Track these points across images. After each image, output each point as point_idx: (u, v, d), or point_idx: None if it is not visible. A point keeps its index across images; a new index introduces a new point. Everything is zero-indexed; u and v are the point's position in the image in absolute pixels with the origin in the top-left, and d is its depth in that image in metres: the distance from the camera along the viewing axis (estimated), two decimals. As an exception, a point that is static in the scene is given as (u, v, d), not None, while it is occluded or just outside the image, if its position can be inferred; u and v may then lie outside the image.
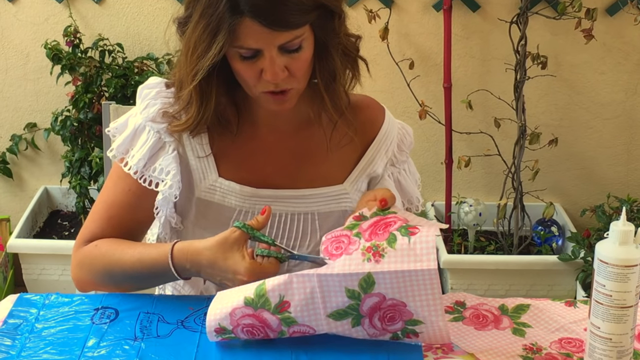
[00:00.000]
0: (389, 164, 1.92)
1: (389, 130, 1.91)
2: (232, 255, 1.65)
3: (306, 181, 1.85)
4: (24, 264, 3.49)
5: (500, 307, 1.77)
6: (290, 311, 1.58)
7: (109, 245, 1.80)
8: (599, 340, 1.54)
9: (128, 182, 1.83)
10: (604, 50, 3.51)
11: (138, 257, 1.76)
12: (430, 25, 3.49)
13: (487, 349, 1.64)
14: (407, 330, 1.58)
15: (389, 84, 3.51)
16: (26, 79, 3.61)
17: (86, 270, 1.82)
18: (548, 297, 1.93)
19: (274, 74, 1.67)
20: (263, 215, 1.70)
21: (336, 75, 1.77)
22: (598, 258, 1.52)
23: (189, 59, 1.69)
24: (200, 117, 1.76)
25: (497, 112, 3.47)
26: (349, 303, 1.57)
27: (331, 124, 1.83)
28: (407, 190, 1.95)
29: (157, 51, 3.51)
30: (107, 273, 1.79)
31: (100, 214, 1.85)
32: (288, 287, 1.59)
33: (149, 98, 1.83)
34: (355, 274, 1.55)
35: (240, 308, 1.60)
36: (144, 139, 1.82)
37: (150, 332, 1.67)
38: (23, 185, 3.76)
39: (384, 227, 1.59)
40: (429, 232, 1.55)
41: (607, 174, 3.69)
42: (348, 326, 1.59)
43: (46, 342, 1.63)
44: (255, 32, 1.63)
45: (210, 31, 1.64)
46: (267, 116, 1.84)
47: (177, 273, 1.72)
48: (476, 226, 3.50)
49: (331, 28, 1.71)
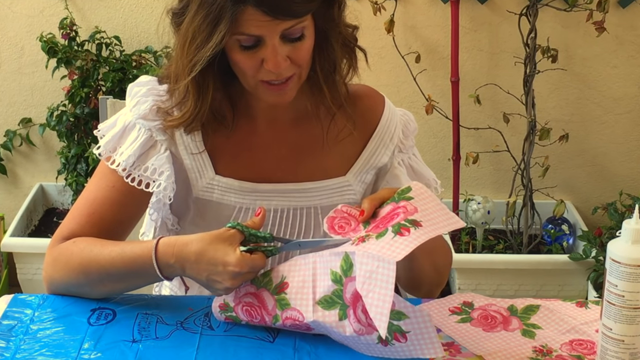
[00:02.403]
0: (397, 151, 1.91)
1: (391, 119, 1.91)
2: (223, 247, 1.62)
3: (307, 174, 1.85)
4: (18, 263, 3.49)
5: (510, 307, 1.77)
6: (287, 292, 1.61)
7: (90, 241, 1.76)
8: (611, 342, 1.54)
9: (112, 179, 1.81)
10: (616, 43, 3.51)
11: (119, 252, 1.71)
12: (437, 18, 3.49)
13: (495, 351, 1.64)
14: (394, 329, 1.55)
15: (394, 78, 3.51)
16: (21, 72, 3.61)
17: (60, 268, 1.77)
18: (558, 298, 1.93)
19: (276, 63, 1.67)
20: (258, 217, 1.69)
21: (336, 66, 1.77)
22: (610, 257, 1.51)
23: (187, 50, 1.68)
24: (197, 112, 1.75)
25: (506, 107, 3.47)
26: (334, 288, 1.57)
27: (329, 117, 1.83)
28: (421, 173, 1.94)
29: (156, 44, 3.51)
30: (82, 270, 1.74)
31: (81, 210, 1.81)
32: (292, 268, 1.62)
33: (139, 95, 1.82)
34: (338, 254, 1.57)
35: (245, 286, 1.65)
36: (134, 136, 1.81)
37: (148, 334, 1.67)
38: (17, 183, 3.77)
39: (388, 220, 1.59)
40: (419, 236, 1.53)
41: (619, 170, 3.69)
42: (335, 318, 1.58)
43: (41, 343, 1.63)
44: (258, 19, 1.63)
45: (211, 20, 1.63)
46: (264, 110, 1.84)
47: (160, 269, 1.67)
48: (484, 224, 3.50)
49: (331, 17, 1.72)
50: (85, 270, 1.74)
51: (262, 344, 1.63)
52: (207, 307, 1.73)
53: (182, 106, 1.76)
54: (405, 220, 1.57)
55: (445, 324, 1.71)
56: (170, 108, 1.78)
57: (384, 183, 1.90)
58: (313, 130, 1.86)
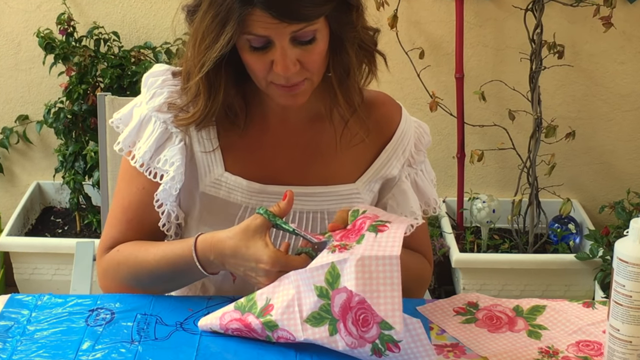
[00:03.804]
0: (406, 165, 1.91)
1: (406, 130, 1.91)
2: (254, 243, 1.64)
3: (316, 178, 1.85)
4: (15, 263, 3.50)
5: (515, 308, 1.77)
6: (272, 314, 1.60)
7: (132, 247, 1.81)
8: (618, 343, 1.54)
9: (140, 181, 1.83)
10: (624, 39, 3.51)
11: (162, 255, 1.76)
12: (442, 13, 3.49)
13: (501, 352, 1.64)
14: (385, 339, 1.54)
15: (398, 74, 3.51)
16: (17, 69, 3.61)
17: (111, 278, 1.83)
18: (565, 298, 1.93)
19: (285, 67, 1.67)
20: (284, 201, 1.69)
21: (350, 71, 1.76)
22: (617, 257, 1.51)
23: (197, 49, 1.69)
24: (208, 111, 1.76)
25: (511, 103, 3.47)
26: (321, 303, 1.56)
27: (342, 122, 1.83)
28: (424, 191, 1.94)
29: (155, 40, 3.51)
30: (133, 277, 1.80)
31: (118, 217, 1.85)
32: (276, 289, 1.61)
33: (155, 87, 1.83)
34: (321, 267, 1.56)
35: (230, 312, 1.65)
36: (150, 129, 1.82)
37: (147, 335, 1.67)
38: (14, 181, 3.77)
39: (356, 232, 1.60)
40: (398, 229, 1.56)
41: (627, 168, 3.69)
42: (326, 334, 1.58)
43: (39, 345, 1.63)
44: (266, 21, 1.62)
45: (219, 21, 1.64)
46: (277, 110, 1.84)
47: (202, 267, 1.72)
48: (489, 223, 3.50)
49: (347, 21, 1.71)
50: (136, 277, 1.80)
51: (263, 345, 1.63)
52: (208, 308, 1.73)
53: (194, 104, 1.78)
54: (375, 222, 1.59)
55: (450, 325, 1.71)
56: (184, 105, 1.79)
57: (390, 196, 1.90)
58: (326, 134, 1.86)
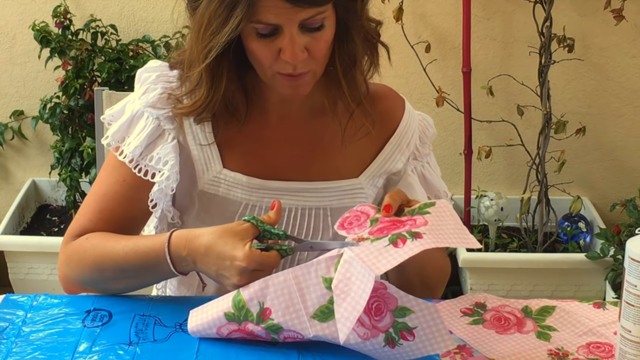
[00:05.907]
0: (412, 158, 1.92)
1: (410, 124, 1.91)
2: (232, 240, 1.63)
3: (319, 173, 1.85)
4: (9, 262, 3.50)
5: (524, 309, 1.77)
6: (273, 318, 1.59)
7: (102, 236, 1.79)
8: (630, 344, 1.54)
9: (122, 172, 1.82)
10: (636, 32, 3.51)
11: (132, 247, 1.74)
12: (448, 5, 3.49)
13: (509, 354, 1.64)
14: (399, 327, 1.54)
15: (403, 68, 3.51)
16: (12, 63, 3.61)
17: (74, 266, 1.80)
18: (575, 298, 1.93)
19: (293, 54, 1.67)
20: (273, 211, 1.69)
21: (357, 61, 1.77)
22: (629, 256, 1.51)
23: (202, 35, 1.68)
24: (209, 100, 1.76)
25: (520, 98, 3.47)
26: (329, 295, 1.56)
27: (347, 114, 1.83)
28: (432, 184, 1.95)
29: (154, 33, 3.50)
30: (97, 267, 1.77)
31: (92, 206, 1.84)
32: (265, 292, 1.59)
33: (148, 82, 1.83)
34: (330, 258, 1.56)
35: (225, 325, 1.63)
36: (142, 125, 1.82)
37: (146, 336, 1.67)
38: (9, 178, 3.77)
39: (394, 228, 1.58)
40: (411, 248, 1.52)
41: (638, 165, 3.69)
42: (335, 327, 1.56)
43: (34, 346, 1.63)
44: (276, 6, 1.62)
45: (228, 4, 1.63)
46: (278, 103, 1.84)
47: (172, 262, 1.69)
48: (498, 222, 3.50)
49: (354, 9, 1.72)
50: (99, 267, 1.77)
51: (265, 347, 1.63)
52: (207, 308, 1.73)
53: (194, 94, 1.77)
54: (407, 232, 1.55)
55: (457, 326, 1.71)
56: (181, 95, 1.79)
57: None
58: (328, 128, 1.86)
